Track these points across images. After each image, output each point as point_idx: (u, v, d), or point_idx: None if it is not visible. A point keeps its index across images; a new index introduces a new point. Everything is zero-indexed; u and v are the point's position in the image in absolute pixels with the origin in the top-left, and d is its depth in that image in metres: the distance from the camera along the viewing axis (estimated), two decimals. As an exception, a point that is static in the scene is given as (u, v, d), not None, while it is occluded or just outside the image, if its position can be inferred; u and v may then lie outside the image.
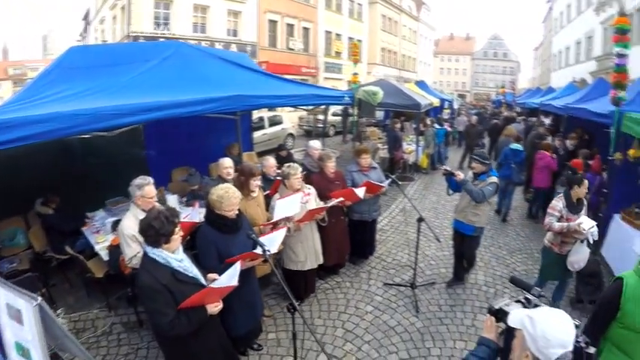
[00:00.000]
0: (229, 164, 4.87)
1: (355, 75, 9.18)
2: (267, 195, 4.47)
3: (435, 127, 12.10)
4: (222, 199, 2.99)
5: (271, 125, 14.63)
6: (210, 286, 2.51)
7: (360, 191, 4.57)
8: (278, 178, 4.75)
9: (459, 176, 4.47)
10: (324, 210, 4.30)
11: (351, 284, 5.04)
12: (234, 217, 3.11)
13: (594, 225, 3.78)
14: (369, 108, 7.28)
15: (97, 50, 5.20)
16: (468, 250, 4.95)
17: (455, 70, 72.37)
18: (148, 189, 3.41)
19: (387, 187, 5.02)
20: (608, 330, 2.36)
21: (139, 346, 3.83)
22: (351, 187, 4.70)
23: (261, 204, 4.17)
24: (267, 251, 2.71)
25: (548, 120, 12.45)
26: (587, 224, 3.76)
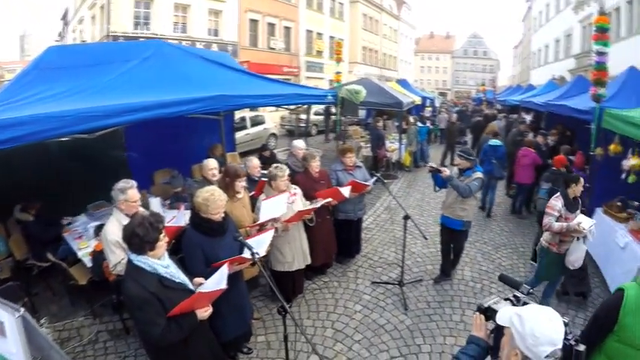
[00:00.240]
0: (214, 165, 4.77)
1: (338, 74, 9.19)
2: (252, 196, 4.42)
3: (418, 124, 12.20)
4: (208, 202, 2.94)
5: (253, 125, 14.51)
6: (200, 291, 2.46)
7: (346, 190, 4.56)
8: (263, 178, 4.71)
9: (445, 173, 4.51)
10: (312, 210, 4.28)
11: (339, 284, 5.04)
12: (220, 220, 3.06)
13: (593, 223, 3.85)
14: (352, 107, 7.27)
15: (76, 50, 5.06)
16: (457, 244, 5.01)
17: (435, 69, 73.11)
18: (131, 193, 3.30)
19: (372, 185, 5.03)
20: (603, 343, 2.23)
21: (126, 354, 3.74)
22: (337, 187, 4.69)
23: (247, 205, 4.13)
24: (255, 254, 2.67)
25: (529, 117, 12.68)
26: (586, 223, 3.81)
